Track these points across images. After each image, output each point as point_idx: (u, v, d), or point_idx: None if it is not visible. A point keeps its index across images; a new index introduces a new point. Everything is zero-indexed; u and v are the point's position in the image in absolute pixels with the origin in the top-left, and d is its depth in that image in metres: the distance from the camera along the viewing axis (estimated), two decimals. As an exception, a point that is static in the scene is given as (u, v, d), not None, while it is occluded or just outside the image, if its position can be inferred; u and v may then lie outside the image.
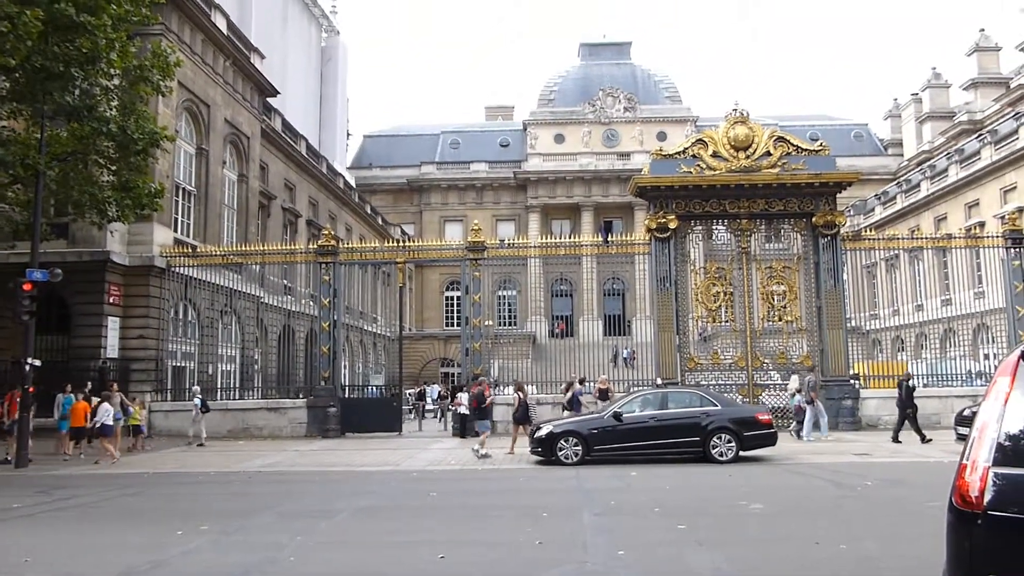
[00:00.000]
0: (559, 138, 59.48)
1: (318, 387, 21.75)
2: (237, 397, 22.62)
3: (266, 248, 24.34)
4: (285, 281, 29.83)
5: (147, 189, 16.81)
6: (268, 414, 21.48)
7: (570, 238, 24.98)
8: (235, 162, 28.18)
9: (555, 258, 26.38)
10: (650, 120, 59.12)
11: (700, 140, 21.91)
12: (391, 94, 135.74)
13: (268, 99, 31.92)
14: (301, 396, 22.62)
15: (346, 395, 23.15)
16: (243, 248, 23.96)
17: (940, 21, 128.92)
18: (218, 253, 23.13)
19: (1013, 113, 40.10)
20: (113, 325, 21.10)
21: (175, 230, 23.54)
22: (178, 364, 23.09)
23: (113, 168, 16.63)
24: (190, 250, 22.80)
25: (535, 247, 24.67)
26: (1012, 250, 21.61)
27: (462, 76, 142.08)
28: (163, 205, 20.07)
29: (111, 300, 21.02)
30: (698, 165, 21.32)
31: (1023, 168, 34.20)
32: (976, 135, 43.08)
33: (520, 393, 17.24)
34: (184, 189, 24.47)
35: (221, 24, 25.96)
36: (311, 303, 25.52)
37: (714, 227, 22.20)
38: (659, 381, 20.25)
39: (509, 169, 59.10)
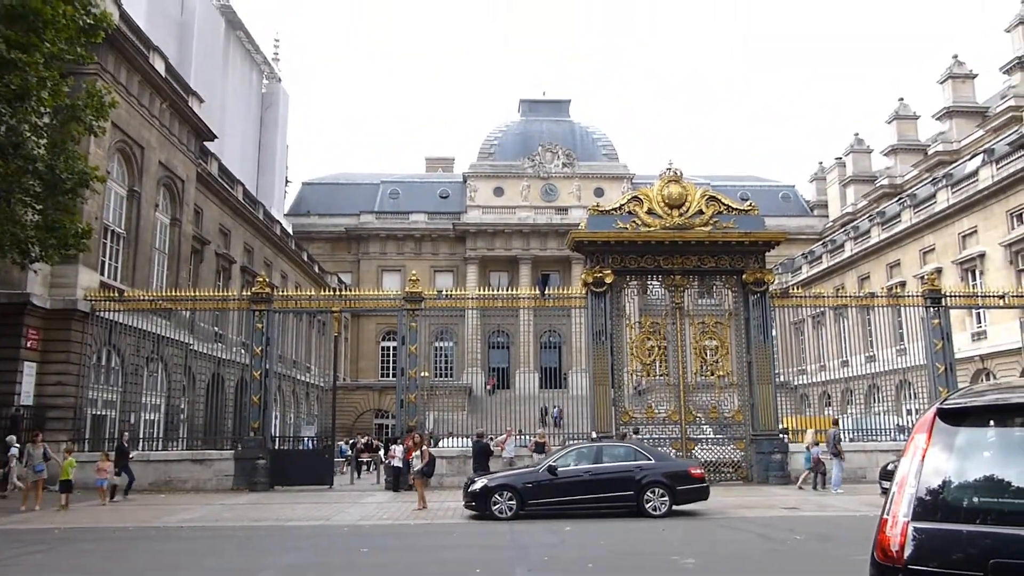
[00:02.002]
0: (498, 191, 60.13)
1: (247, 438, 21.09)
2: (160, 448, 21.79)
3: (197, 294, 23.76)
4: (216, 328, 29.09)
5: (74, 230, 16.32)
6: (193, 466, 20.70)
7: (508, 291, 25.14)
8: (168, 205, 27.62)
9: (493, 310, 26.50)
10: (588, 176, 60.33)
11: (636, 197, 22.40)
12: (332, 142, 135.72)
13: (206, 143, 31.53)
14: (229, 447, 21.90)
15: (276, 446, 22.52)
16: (173, 294, 23.33)
17: (862, 89, 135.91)
18: (146, 298, 22.45)
19: (931, 178, 42.26)
20: (29, 371, 20.18)
21: (102, 273, 22.83)
22: (98, 412, 22.15)
23: (39, 207, 16.12)
24: (117, 294, 22.08)
25: (473, 299, 24.71)
26: (931, 309, 22.52)
27: (403, 127, 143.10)
28: (90, 247, 19.49)
29: (28, 344, 20.14)
30: (634, 221, 21.76)
31: (941, 231, 35.93)
32: (896, 199, 45.21)
33: (425, 447, 17.12)
34: (113, 231, 23.83)
35: (159, 66, 25.68)
36: (243, 351, 24.91)
37: (649, 282, 22.58)
38: (594, 435, 20.28)
39: (448, 220, 59.35)
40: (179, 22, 40.37)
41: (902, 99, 54.00)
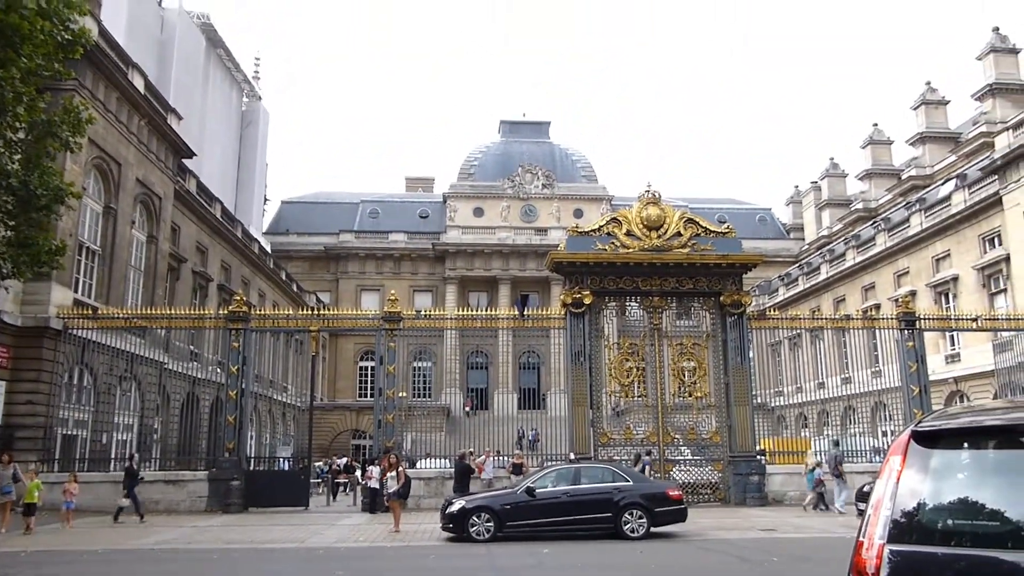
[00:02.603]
0: (478, 211, 60.25)
1: (221, 459, 20.82)
2: (133, 468, 21.40)
3: (173, 312, 23.51)
4: (192, 347, 28.79)
5: (47, 246, 16.10)
6: (166, 487, 20.39)
7: (487, 311, 25.08)
8: (145, 223, 27.39)
9: (472, 330, 26.38)
10: (567, 197, 60.63)
11: (615, 219, 22.54)
12: (312, 161, 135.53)
13: (184, 160, 31.36)
14: (203, 468, 21.59)
15: (251, 467, 22.24)
16: (149, 311, 23.08)
17: (838, 115, 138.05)
18: (121, 316, 22.17)
19: (904, 203, 42.90)
20: (-1, 389, 19.83)
21: (76, 290, 22.54)
22: (69, 432, 21.77)
23: (12, 223, 15.91)
24: (90, 312, 21.80)
25: (452, 319, 24.64)
26: (906, 331, 22.77)
27: (383, 147, 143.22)
28: (64, 264, 19.24)
29: (-1, 363, 19.81)
30: (613, 243, 21.87)
31: (915, 254, 36.43)
32: (871, 222, 45.85)
33: (401, 467, 17.00)
34: (88, 248, 23.57)
35: (138, 83, 25.56)
36: (219, 370, 24.65)
37: (627, 303, 22.67)
38: (572, 456, 20.24)
39: (428, 240, 59.31)
40: (159, 39, 40.27)
41: (876, 125, 54.93)
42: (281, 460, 28.49)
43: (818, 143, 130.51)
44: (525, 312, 23.69)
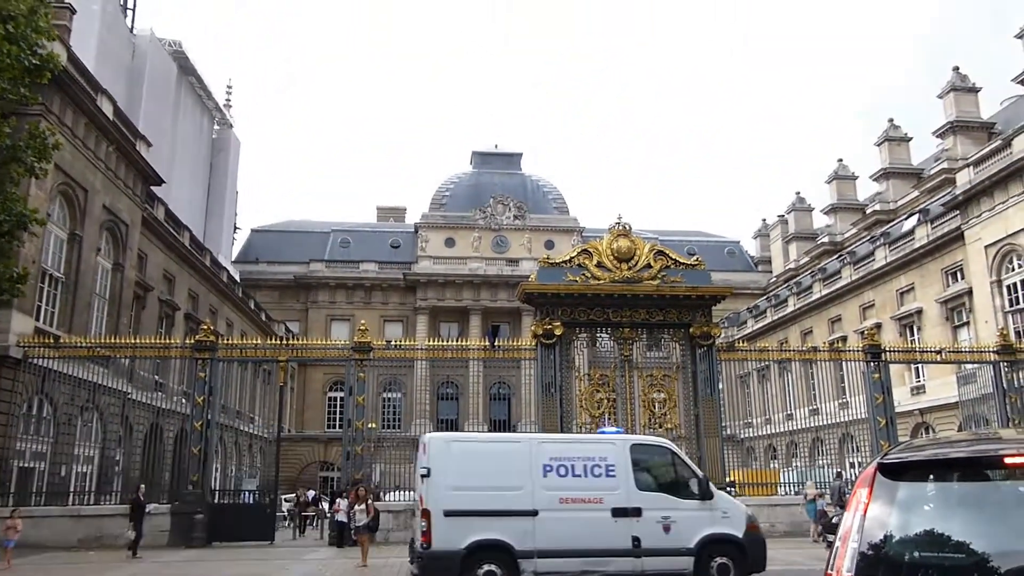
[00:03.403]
0: (450, 242, 60.29)
1: (185, 491, 20.37)
2: (92, 502, 20.86)
3: (138, 341, 23.10)
4: (157, 377, 28.28)
5: (8, 274, 15.81)
6: (127, 521, 19.84)
7: (458, 341, 25.01)
8: (111, 250, 27.01)
9: (442, 361, 26.25)
10: (538, 229, 60.93)
11: (585, 250, 22.64)
12: (283, 189, 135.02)
13: (153, 188, 31.06)
14: (166, 500, 21.09)
15: (216, 500, 21.78)
16: (113, 340, 22.64)
17: (804, 150, 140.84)
18: (84, 345, 21.73)
19: (869, 236, 43.72)
20: (-45, 421, 19.27)
21: (37, 319, 22.08)
22: (26, 464, 21.17)
23: (-27, 251, 15.62)
24: (52, 341, 21.35)
25: (422, 349, 24.50)
26: (872, 364, 23.03)
27: (355, 176, 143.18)
28: (26, 291, 18.88)
29: (-44, 393, 19.28)
30: (584, 274, 21.96)
31: (880, 287, 37.05)
32: (837, 256, 46.59)
33: (370, 500, 16.78)
34: (52, 276, 23.15)
35: (107, 109, 25.36)
36: (184, 400, 24.22)
37: (598, 335, 22.71)
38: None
39: (399, 270, 59.15)
40: (130, 66, 40.05)
41: (841, 160, 56.09)
42: (246, 493, 27.94)
43: (785, 178, 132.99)
44: (496, 343, 23.65)
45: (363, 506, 16.39)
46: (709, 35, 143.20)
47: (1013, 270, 28.72)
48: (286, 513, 28.97)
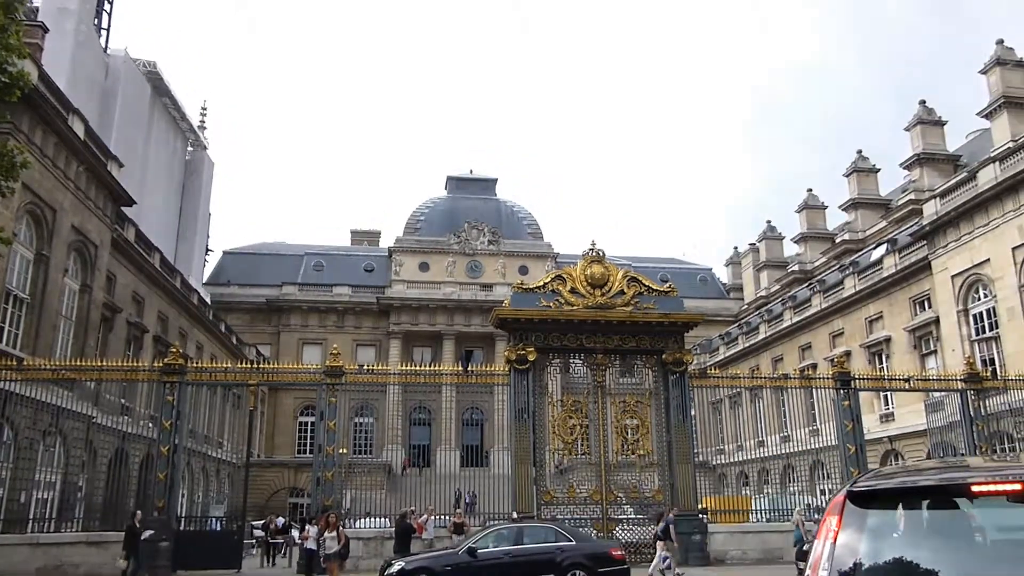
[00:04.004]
0: (424, 266, 60.19)
1: (150, 518, 19.91)
2: (52, 529, 20.32)
3: (105, 364, 22.64)
4: (124, 400, 27.76)
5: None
6: (88, 549, 19.34)
7: (431, 366, 24.85)
8: (79, 271, 26.60)
9: (415, 386, 26.10)
10: (513, 254, 61.06)
11: (559, 276, 22.69)
12: (257, 211, 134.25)
13: (124, 208, 30.71)
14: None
15: (182, 527, 21.33)
16: (78, 363, 22.20)
17: (775, 179, 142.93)
18: (48, 367, 21.26)
19: (838, 265, 44.33)
20: (-88, 445, 18.74)
21: (0, 340, 21.63)
22: (-16, 491, 20.60)
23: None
24: (15, 363, 20.89)
25: (395, 374, 24.34)
26: (841, 391, 23.22)
27: (330, 199, 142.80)
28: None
29: (-87, 416, 18.77)
30: (557, 300, 21.98)
31: (849, 315, 37.51)
32: (807, 284, 47.18)
33: (341, 527, 16.55)
34: (16, 296, 22.71)
35: (78, 129, 25.10)
36: (151, 425, 23.75)
37: (571, 360, 22.69)
38: (515, 515, 19.95)
39: (372, 294, 58.87)
40: (103, 86, 39.77)
41: (811, 190, 56.99)
42: (213, 520, 27.42)
43: (757, 207, 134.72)
44: (469, 368, 23.54)
45: (333, 533, 16.15)
46: (680, 65, 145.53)
47: (979, 299, 29.24)
48: (255, 541, 28.45)
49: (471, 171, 70.49)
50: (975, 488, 3.20)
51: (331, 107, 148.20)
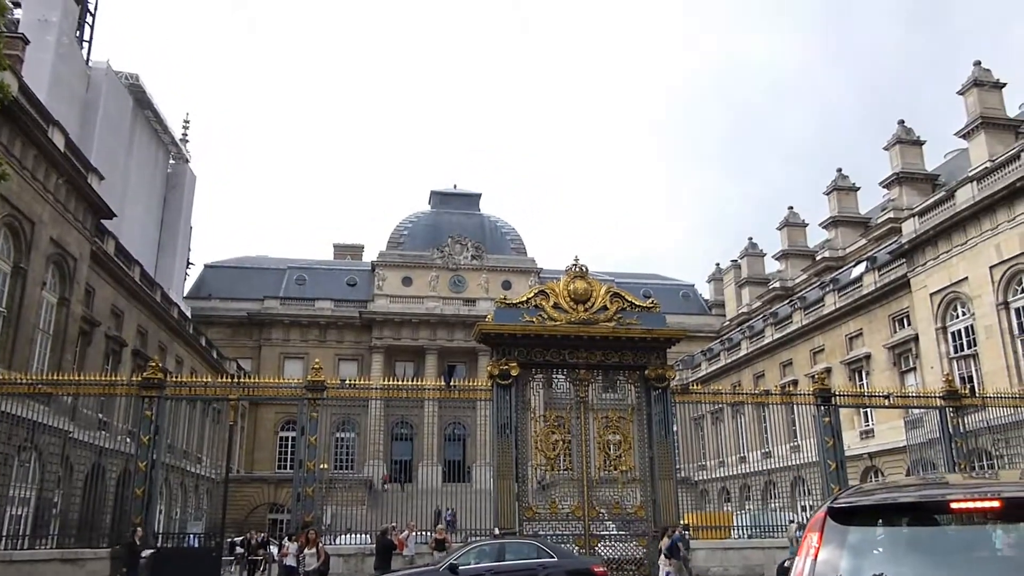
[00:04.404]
0: (407, 281, 60.06)
1: (126, 534, 19.62)
2: (26, 546, 19.97)
3: (82, 378, 22.33)
4: (101, 415, 27.41)
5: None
6: (62, 566, 19.00)
7: (413, 381, 24.72)
8: (57, 284, 26.32)
9: (397, 400, 25.95)
10: (496, 269, 61.08)
11: (542, 291, 22.67)
12: (239, 225, 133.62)
13: (104, 221, 30.47)
14: (105, 545, 20.28)
15: (159, 543, 21.02)
16: (55, 377, 21.90)
17: (757, 195, 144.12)
18: (24, 381, 20.93)
19: (819, 283, 44.67)
20: None
21: (-24, 354, 21.33)
22: (-44, 507, 20.23)
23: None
24: (-9, 377, 20.57)
25: (377, 388, 24.14)
26: (822, 407, 23.32)
27: (314, 212, 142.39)
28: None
29: None
30: (540, 315, 21.96)
31: (829, 332, 37.77)
32: (788, 300, 47.49)
33: (320, 544, 16.39)
34: (-7, 310, 22.43)
35: (59, 141, 24.92)
36: (129, 440, 23.45)
37: (554, 376, 22.63)
38: (497, 531, 19.83)
39: (355, 308, 58.64)
40: (84, 98, 39.52)
41: (791, 207, 57.45)
42: (191, 536, 27.08)
43: (739, 223, 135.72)
44: (452, 383, 23.43)
45: (313, 550, 15.98)
46: (661, 82, 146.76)
47: (957, 317, 29.55)
48: (234, 557, 28.10)
49: (455, 186, 70.65)
50: (954, 505, 3.23)
51: (315, 122, 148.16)
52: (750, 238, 62.29)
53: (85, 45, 43.63)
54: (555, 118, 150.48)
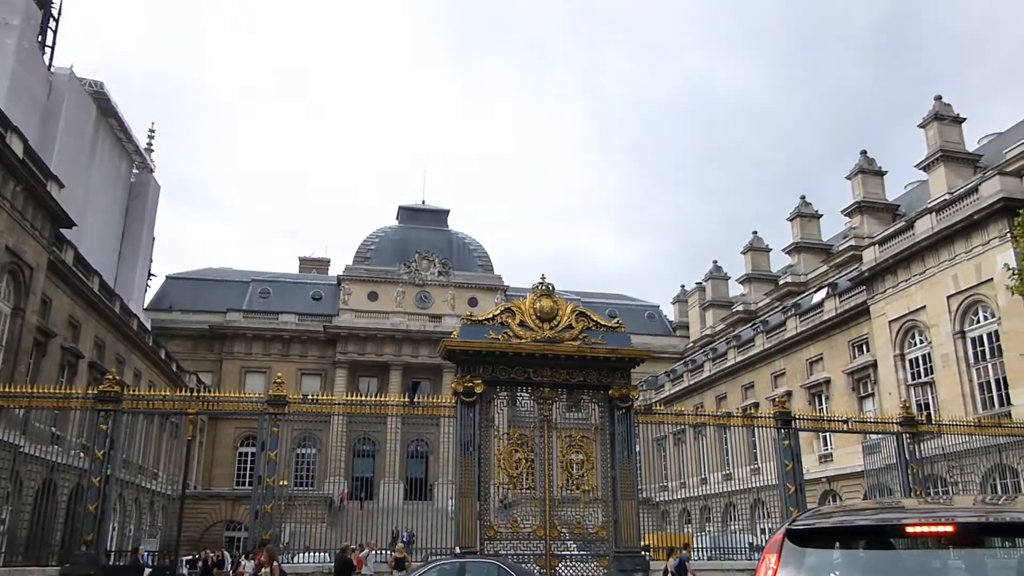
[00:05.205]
0: (373, 296, 59.70)
1: (77, 552, 19.09)
2: (-29, 563, 19.34)
3: (35, 391, 21.75)
4: (54, 429, 26.73)
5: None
6: (11, 583, 18.45)
7: (377, 397, 24.49)
8: (11, 293, 25.71)
9: (360, 416, 25.62)
10: (462, 286, 61.00)
11: (508, 309, 22.68)
12: (204, 237, 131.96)
13: (63, 230, 29.87)
14: (55, 562, 19.72)
15: (111, 562, 20.50)
16: (7, 389, 21.30)
17: (722, 221, 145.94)
18: (-26, 393, 20.38)
19: (781, 307, 45.29)
20: None
21: (-75, 363, 20.72)
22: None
23: None
24: (-60, 388, 19.98)
25: (340, 404, 23.89)
26: (782, 431, 23.56)
27: (280, 227, 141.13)
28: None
29: None
30: (506, 333, 21.94)
31: (791, 356, 38.26)
32: (751, 324, 48.04)
33: (276, 563, 16.12)
34: (-55, 318, 21.83)
35: (17, 148, 24.43)
36: (83, 455, 22.87)
37: (519, 394, 22.59)
38: (458, 549, 19.67)
39: (319, 323, 58.09)
40: (45, 104, 38.80)
41: (756, 232, 58.36)
42: (145, 554, 26.43)
43: (707, 246, 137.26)
44: (416, 399, 23.27)
45: (267, 570, 15.70)
46: (626, 104, 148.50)
47: (915, 345, 30.12)
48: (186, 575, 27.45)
49: (423, 201, 70.54)
50: (910, 529, 3.28)
51: (283, 135, 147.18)
52: (715, 261, 63.08)
53: (47, 50, 42.92)
54: (526, 138, 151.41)
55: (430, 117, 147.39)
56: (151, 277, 57.29)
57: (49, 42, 43.33)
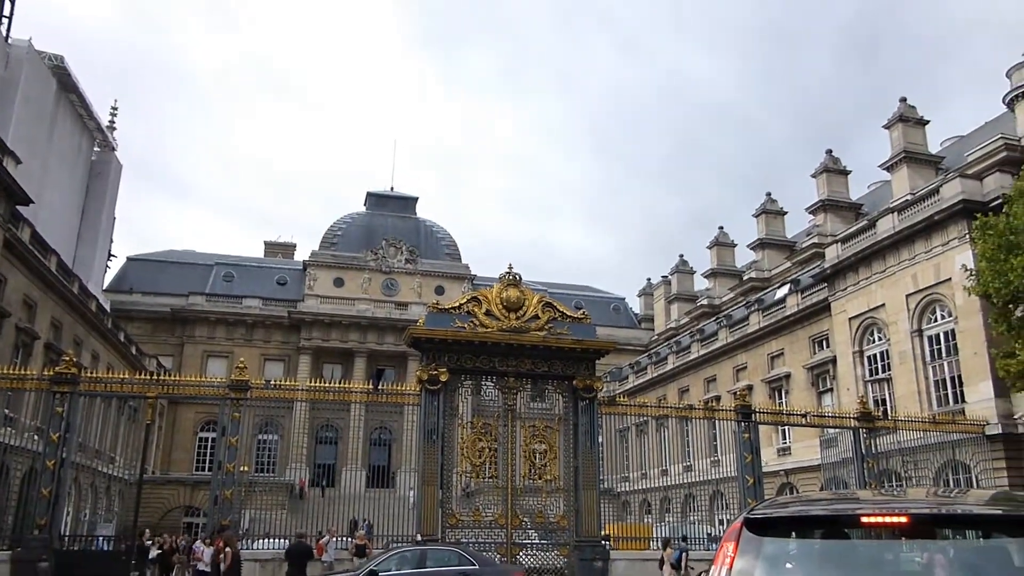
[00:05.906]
0: (338, 282, 59.25)
1: (29, 536, 18.72)
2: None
3: (-12, 372, 21.25)
4: (7, 411, 26.14)
5: None
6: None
7: (341, 384, 24.32)
8: (-34, 271, 25.07)
9: (323, 403, 25.50)
10: (429, 274, 60.81)
11: (475, 298, 22.65)
12: (167, 218, 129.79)
13: (20, 207, 29.16)
14: (6, 547, 19.31)
15: (65, 546, 20.13)
16: (-41, 369, 20.80)
17: (692, 213, 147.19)
18: (-77, 373, 19.87)
19: (745, 302, 45.83)
20: None
21: None
22: None
23: None
24: None
25: (303, 390, 23.69)
26: (742, 424, 23.88)
27: (246, 210, 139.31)
28: None
29: None
30: (472, 322, 21.92)
31: (753, 351, 38.76)
32: (715, 318, 48.59)
33: (231, 547, 15.98)
34: None
35: (-25, 122, 23.79)
36: (37, 437, 22.40)
37: (483, 383, 22.61)
38: (419, 537, 19.66)
39: (284, 308, 57.51)
40: (1, 76, 37.78)
41: (721, 228, 58.90)
42: (100, 539, 26.02)
43: (674, 239, 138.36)
44: (380, 386, 23.17)
45: (222, 555, 15.53)
46: (596, 94, 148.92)
47: (873, 342, 30.68)
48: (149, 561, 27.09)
49: (392, 188, 70.04)
50: (864, 519, 3.34)
51: (251, 117, 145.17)
52: (681, 255, 63.58)
53: (4, 21, 41.72)
54: (495, 127, 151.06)
55: (403, 105, 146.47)
56: (111, 258, 56.22)
57: (7, 12, 42.11)
